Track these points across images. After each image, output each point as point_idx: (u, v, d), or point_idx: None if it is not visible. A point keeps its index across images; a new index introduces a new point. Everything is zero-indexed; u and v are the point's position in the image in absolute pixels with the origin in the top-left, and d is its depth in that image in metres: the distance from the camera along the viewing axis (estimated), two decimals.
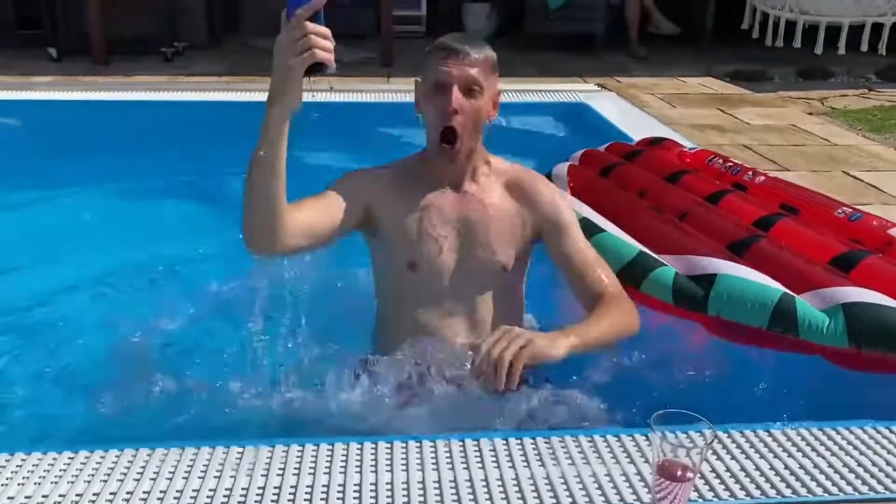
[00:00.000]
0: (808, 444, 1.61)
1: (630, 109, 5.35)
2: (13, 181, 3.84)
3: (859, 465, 1.54)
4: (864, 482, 1.49)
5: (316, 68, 1.50)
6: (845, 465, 1.54)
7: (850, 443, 1.62)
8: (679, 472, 1.26)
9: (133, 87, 5.85)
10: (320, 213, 1.80)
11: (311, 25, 1.45)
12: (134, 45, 7.23)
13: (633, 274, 2.17)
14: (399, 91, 5.94)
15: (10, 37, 7.60)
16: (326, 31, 1.47)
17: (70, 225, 3.49)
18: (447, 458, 1.54)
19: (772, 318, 1.90)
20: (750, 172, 2.90)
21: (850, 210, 2.51)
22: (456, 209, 1.92)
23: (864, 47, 6.91)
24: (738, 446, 1.60)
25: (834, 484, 1.48)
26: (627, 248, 2.26)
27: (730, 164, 3.02)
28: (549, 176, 3.03)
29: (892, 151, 4.44)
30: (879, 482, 1.49)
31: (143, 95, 5.54)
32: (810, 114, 5.51)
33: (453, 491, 1.44)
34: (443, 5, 9.24)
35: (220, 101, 5.44)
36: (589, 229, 2.44)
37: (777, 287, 1.96)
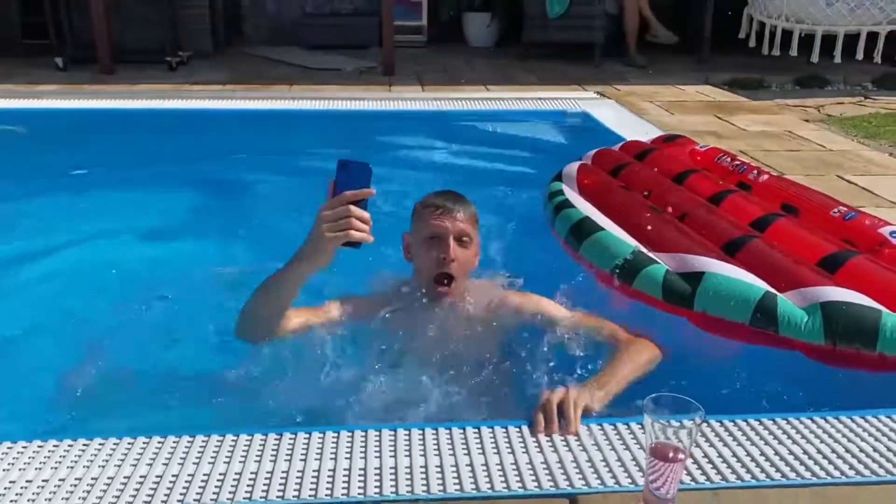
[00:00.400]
0: (798, 431, 1.67)
1: (628, 116, 5.42)
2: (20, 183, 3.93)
3: (847, 451, 1.60)
4: (852, 467, 1.54)
5: (350, 243, 1.63)
6: (833, 451, 1.59)
7: (838, 430, 1.67)
8: (671, 454, 1.32)
9: (138, 94, 5.93)
10: (310, 318, 2.00)
11: (354, 208, 1.61)
12: (139, 55, 7.32)
13: (626, 271, 2.24)
14: (401, 99, 6.01)
15: (16, 46, 7.69)
16: (367, 215, 1.63)
17: (71, 227, 3.55)
18: (447, 443, 1.60)
19: (754, 314, 1.97)
20: (755, 171, 3.01)
21: (846, 209, 2.57)
22: (444, 329, 2.07)
23: (860, 56, 6.97)
24: (730, 433, 1.66)
25: (822, 469, 1.53)
26: (623, 246, 2.33)
27: (737, 162, 3.15)
28: (559, 175, 3.12)
29: (885, 157, 4.50)
30: (866, 467, 1.54)
31: (149, 103, 5.62)
32: (807, 121, 5.58)
33: (454, 475, 1.49)
34: (443, 15, 9.34)
35: (224, 108, 5.51)
36: (588, 228, 2.52)
37: (760, 285, 2.03)
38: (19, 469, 1.49)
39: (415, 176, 4.21)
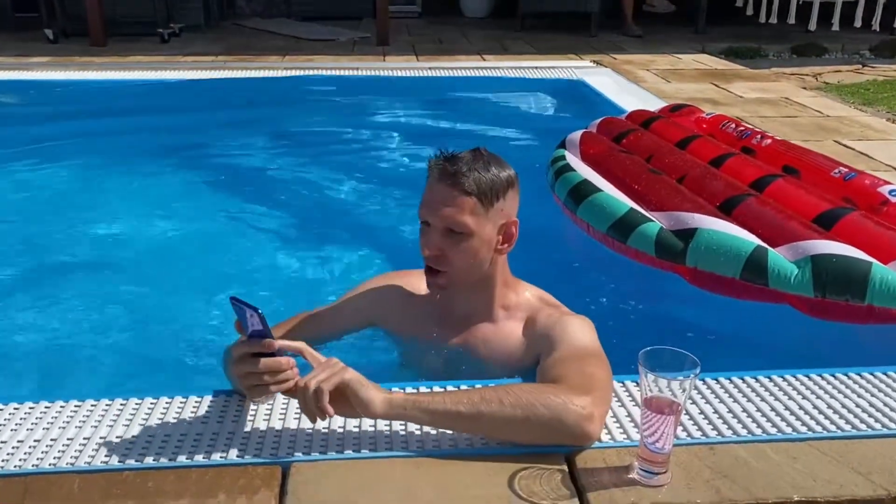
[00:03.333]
0: (794, 387, 1.66)
1: (625, 85, 5.38)
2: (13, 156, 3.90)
3: (842, 405, 1.59)
4: (847, 421, 1.53)
5: None
6: (829, 406, 1.59)
7: (834, 386, 1.67)
8: (666, 407, 1.31)
9: (130, 66, 5.87)
10: (319, 326, 1.80)
11: (260, 364, 1.35)
12: (130, 27, 7.25)
13: (621, 228, 2.26)
14: (395, 69, 5.96)
15: (6, 20, 7.61)
16: (277, 363, 1.36)
17: (61, 197, 3.54)
18: None
19: (744, 268, 1.97)
20: (759, 136, 3.02)
21: (847, 170, 2.57)
22: (458, 343, 1.76)
23: (858, 23, 6.93)
24: (726, 390, 1.65)
25: (818, 423, 1.52)
26: (619, 206, 2.34)
27: (741, 128, 3.16)
28: (563, 143, 3.11)
29: (882, 122, 4.48)
30: (862, 421, 1.53)
31: (141, 75, 5.56)
32: (804, 88, 5.54)
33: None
34: None
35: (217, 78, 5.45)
36: (587, 189, 2.52)
37: (751, 240, 2.03)
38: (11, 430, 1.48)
39: (411, 146, 4.20)
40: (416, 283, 1.81)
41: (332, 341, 1.82)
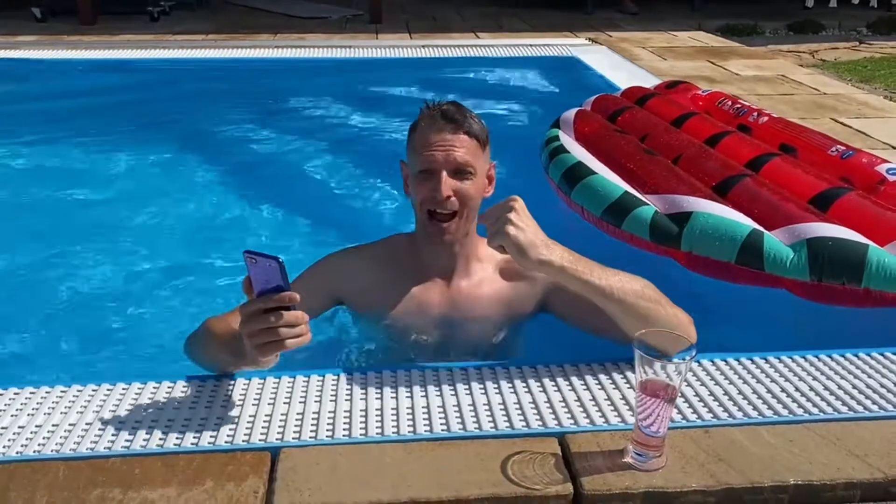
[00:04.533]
0: (790, 369, 1.64)
1: (621, 62, 5.33)
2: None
3: (839, 387, 1.57)
4: (844, 403, 1.52)
5: None
6: (826, 388, 1.57)
7: (831, 368, 1.65)
8: (661, 390, 1.29)
9: (119, 45, 5.79)
10: None
11: (277, 314, 1.29)
12: (120, 6, 7.15)
13: (616, 212, 2.21)
14: (388, 47, 5.89)
15: None
16: (295, 315, 1.30)
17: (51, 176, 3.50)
18: (433, 382, 1.57)
19: (740, 252, 1.94)
20: (755, 113, 2.97)
21: (844, 148, 2.54)
22: (444, 305, 1.76)
23: (856, 0, 6.87)
24: (721, 372, 1.63)
25: (814, 405, 1.51)
26: (613, 189, 2.30)
27: (738, 105, 3.11)
28: (557, 122, 3.07)
29: (880, 99, 4.45)
30: (859, 403, 1.52)
31: (131, 53, 5.49)
32: (800, 65, 5.50)
33: (441, 415, 1.46)
34: None
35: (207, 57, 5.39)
36: (580, 172, 2.48)
37: (747, 223, 2.00)
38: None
39: (402, 124, 4.15)
40: (379, 253, 1.80)
41: None
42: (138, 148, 3.86)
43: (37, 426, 1.41)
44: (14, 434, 1.39)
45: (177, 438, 1.38)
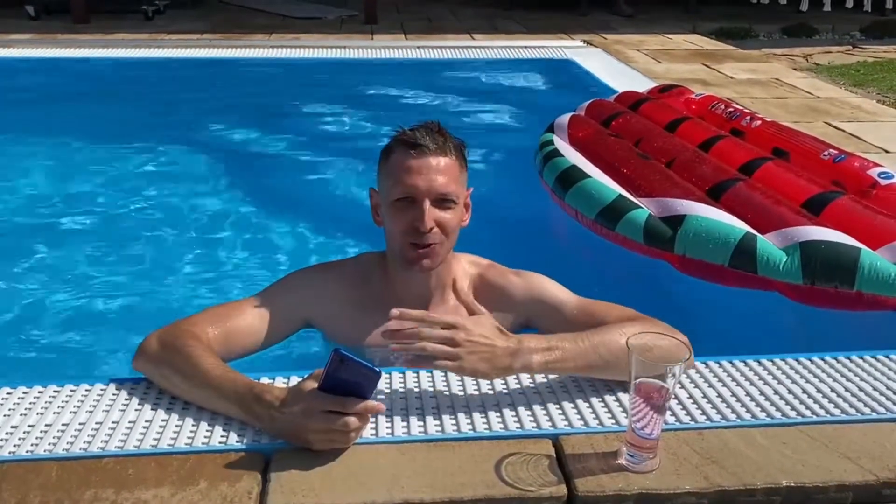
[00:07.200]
0: (783, 371, 1.65)
1: (616, 65, 5.34)
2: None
3: (832, 390, 1.58)
4: (837, 406, 1.52)
5: None
6: (819, 390, 1.58)
7: (823, 371, 1.65)
8: (654, 393, 1.29)
9: (114, 43, 5.78)
10: (243, 342, 1.58)
11: (353, 422, 1.27)
12: (114, 4, 7.14)
13: (610, 215, 2.23)
14: (383, 48, 5.89)
15: None
16: (365, 423, 1.32)
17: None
18: (428, 384, 1.56)
19: (733, 256, 1.95)
20: (748, 117, 2.99)
21: (836, 152, 2.56)
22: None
23: (850, 4, 6.90)
24: (715, 374, 1.64)
25: (808, 408, 1.51)
26: (607, 192, 2.31)
27: (731, 109, 3.12)
28: (551, 126, 3.08)
29: (873, 103, 4.47)
30: (851, 406, 1.52)
31: (125, 53, 5.47)
32: (794, 69, 5.52)
33: (435, 416, 1.46)
34: None
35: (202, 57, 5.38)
36: (574, 176, 2.49)
37: (741, 227, 2.01)
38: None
39: (393, 124, 4.15)
40: (351, 274, 1.70)
41: (260, 351, 1.63)
42: (129, 147, 3.85)
43: (30, 426, 1.41)
44: (7, 434, 1.38)
45: (170, 439, 1.37)
